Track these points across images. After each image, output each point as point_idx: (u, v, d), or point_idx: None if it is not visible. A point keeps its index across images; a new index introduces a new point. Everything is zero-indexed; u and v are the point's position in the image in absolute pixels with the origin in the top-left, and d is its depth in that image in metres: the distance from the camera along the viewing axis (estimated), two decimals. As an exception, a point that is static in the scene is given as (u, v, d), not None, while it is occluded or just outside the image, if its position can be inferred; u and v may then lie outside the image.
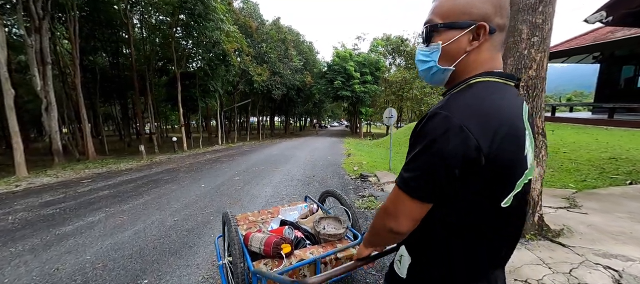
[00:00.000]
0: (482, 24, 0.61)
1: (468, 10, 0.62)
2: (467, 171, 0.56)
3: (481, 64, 0.65)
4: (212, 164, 9.26)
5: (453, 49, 0.64)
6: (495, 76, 0.64)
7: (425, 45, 0.70)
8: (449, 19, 0.64)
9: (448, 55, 0.66)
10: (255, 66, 18.82)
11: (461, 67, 0.66)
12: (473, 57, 0.64)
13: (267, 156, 11.40)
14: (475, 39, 0.63)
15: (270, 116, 33.25)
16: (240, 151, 13.72)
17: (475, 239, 0.65)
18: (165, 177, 7.17)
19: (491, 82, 0.63)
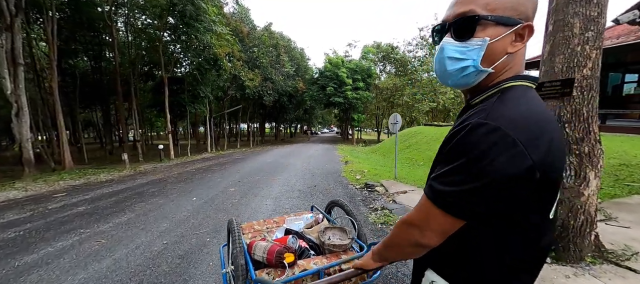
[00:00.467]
0: (530, 25, 0.55)
1: (516, 6, 0.55)
2: (517, 189, 0.49)
3: (512, 67, 0.58)
4: (203, 174, 8.58)
5: (498, 49, 0.56)
6: (527, 79, 0.57)
7: (458, 41, 0.59)
8: (497, 13, 0.55)
9: (490, 55, 0.57)
10: (246, 71, 18.25)
11: (499, 69, 0.58)
12: (509, 59, 0.57)
13: (261, 164, 10.80)
14: (518, 40, 0.56)
15: (261, 123, 32.51)
16: (232, 159, 13.03)
17: (520, 252, 0.58)
18: (151, 189, 6.47)
19: (526, 88, 0.56)
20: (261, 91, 20.11)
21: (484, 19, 0.55)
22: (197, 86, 14.97)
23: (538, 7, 0.59)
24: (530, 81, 0.58)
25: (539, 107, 0.54)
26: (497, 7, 0.55)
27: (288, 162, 11.07)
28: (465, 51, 0.58)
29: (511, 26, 0.55)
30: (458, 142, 0.52)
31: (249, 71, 18.70)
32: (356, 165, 9.74)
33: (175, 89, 15.85)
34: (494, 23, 0.55)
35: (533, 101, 0.55)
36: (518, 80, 0.57)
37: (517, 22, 0.55)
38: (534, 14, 0.58)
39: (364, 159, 12.17)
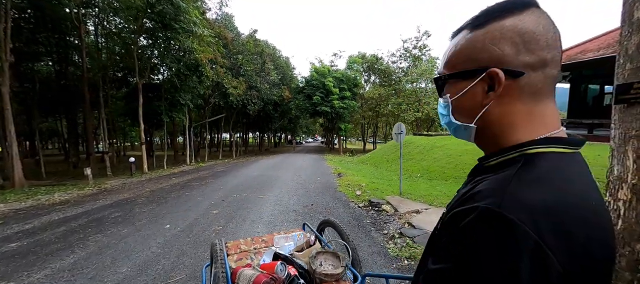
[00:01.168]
0: (492, 71, 0.44)
1: (474, 55, 0.46)
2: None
3: (520, 121, 0.45)
4: (179, 192, 7.46)
5: (466, 103, 0.49)
6: (563, 143, 0.43)
7: (441, 98, 0.56)
8: (455, 69, 0.50)
9: (462, 111, 0.50)
10: (230, 79, 17.21)
11: (490, 127, 0.47)
12: (500, 111, 0.46)
13: (247, 178, 9.78)
14: (492, 90, 0.45)
15: (243, 132, 31.16)
16: (213, 172, 11.86)
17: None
18: (115, 213, 5.32)
19: (558, 155, 0.42)
20: (245, 99, 19.09)
21: (444, 78, 0.52)
22: (175, 93, 13.73)
23: (536, 36, 0.43)
24: (567, 146, 0.43)
25: (574, 193, 0.39)
26: (456, 63, 0.49)
27: (277, 176, 10.12)
28: (444, 107, 0.54)
29: (471, 78, 0.46)
30: (460, 232, 0.39)
31: (233, 78, 17.68)
32: (351, 177, 9.01)
33: (151, 97, 14.50)
34: (453, 80, 0.50)
35: (568, 179, 0.40)
36: (550, 145, 0.42)
37: (475, 71, 0.46)
38: (524, 47, 0.43)
39: (357, 170, 11.49)
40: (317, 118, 32.61)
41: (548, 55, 0.43)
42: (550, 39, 0.43)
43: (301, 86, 26.13)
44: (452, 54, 0.50)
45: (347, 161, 17.22)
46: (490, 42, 0.44)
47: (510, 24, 0.43)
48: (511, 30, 0.43)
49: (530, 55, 0.42)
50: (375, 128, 34.71)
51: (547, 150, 0.42)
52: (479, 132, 0.50)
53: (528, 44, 0.42)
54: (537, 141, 0.43)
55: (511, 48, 0.43)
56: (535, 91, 0.43)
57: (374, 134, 35.30)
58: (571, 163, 0.42)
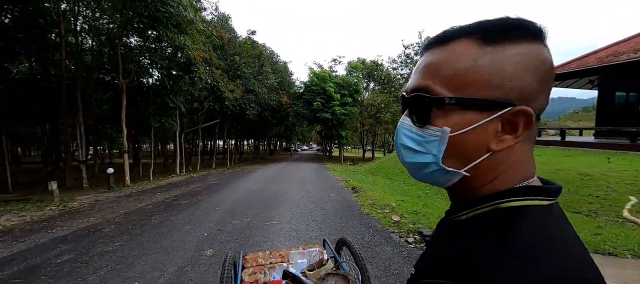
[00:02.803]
0: (524, 110, 0.32)
1: (501, 82, 0.33)
2: None
3: (512, 169, 0.35)
4: (162, 215, 5.80)
5: (471, 143, 0.35)
6: (541, 194, 0.34)
7: (415, 125, 0.39)
8: (466, 92, 0.34)
9: (459, 152, 0.35)
10: (226, 81, 15.65)
11: (481, 173, 0.36)
12: (500, 159, 0.35)
13: (246, 193, 8.17)
14: (509, 132, 0.34)
15: (236, 139, 29.33)
16: (206, 185, 10.18)
17: None
18: (63, 256, 3.67)
19: (541, 210, 0.33)
20: (243, 103, 17.50)
21: (439, 101, 0.35)
22: (165, 95, 12.05)
23: (552, 76, 0.35)
24: (545, 197, 0.34)
25: (567, 255, 0.31)
26: (466, 82, 0.34)
27: (281, 190, 8.55)
28: (423, 141, 0.37)
29: (491, 111, 0.33)
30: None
31: (229, 81, 16.12)
32: (370, 193, 7.53)
33: (138, 100, 12.77)
34: (459, 106, 0.34)
35: (555, 238, 0.31)
36: (529, 196, 0.33)
37: (503, 103, 0.33)
38: (545, 87, 0.34)
39: (371, 183, 10.03)
40: (315, 125, 31.22)
41: (549, 96, 0.35)
42: (551, 75, 0.35)
43: (300, 92, 24.73)
44: (458, 67, 0.34)
45: (352, 170, 15.75)
46: (517, 68, 0.32)
47: (537, 51, 0.33)
48: (538, 59, 0.33)
49: (544, 95, 0.34)
50: (374, 136, 33.48)
51: (525, 203, 0.33)
52: (470, 181, 0.37)
53: (548, 82, 0.34)
54: (512, 192, 0.34)
55: (536, 82, 0.33)
56: (533, 139, 0.36)
57: (373, 142, 34.06)
58: (555, 218, 0.34)
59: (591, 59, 10.30)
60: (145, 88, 12.47)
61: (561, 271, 0.29)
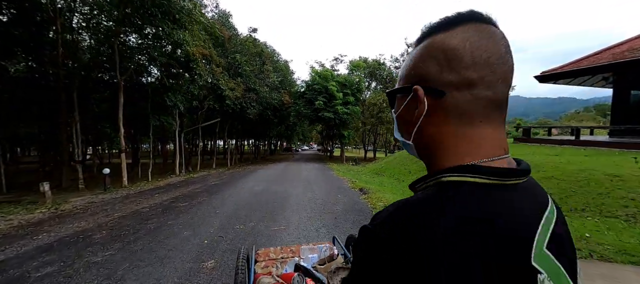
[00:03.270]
0: (415, 88, 0.41)
1: (405, 74, 0.45)
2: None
3: (447, 143, 0.41)
4: (160, 218, 5.37)
5: (402, 119, 0.46)
6: (475, 172, 0.37)
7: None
8: (398, 85, 0.47)
9: (401, 126, 0.47)
10: (227, 79, 15.22)
11: (427, 146, 0.43)
12: (430, 131, 0.42)
13: (249, 195, 7.73)
14: (416, 108, 0.42)
15: (237, 139, 28.86)
16: (206, 186, 9.74)
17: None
18: (45, 268, 3.24)
19: (460, 184, 0.37)
20: (244, 102, 17.07)
21: (391, 95, 0.49)
22: (164, 93, 11.61)
23: (461, 55, 0.39)
24: (483, 176, 0.37)
25: (433, 203, 0.35)
26: (400, 78, 0.47)
27: (285, 192, 8.12)
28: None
29: (404, 95, 0.45)
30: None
31: (230, 79, 15.69)
32: (380, 195, 7.11)
33: (136, 98, 12.34)
34: (399, 95, 0.46)
35: (438, 198, 0.36)
36: (458, 174, 0.37)
37: (408, 88, 0.43)
38: (447, 67, 0.39)
39: (378, 184, 9.60)
40: (316, 125, 30.78)
41: (474, 74, 0.38)
42: (478, 57, 0.38)
43: (302, 91, 24.31)
44: (401, 68, 0.48)
45: (356, 170, 15.32)
46: (418, 59, 0.42)
47: (438, 40, 0.40)
48: (437, 47, 0.40)
49: (453, 74, 0.39)
50: (375, 136, 33.04)
51: (452, 179, 0.37)
52: (421, 153, 0.46)
53: (451, 62, 0.39)
54: (454, 169, 0.38)
55: (435, 66, 0.40)
56: (462, 112, 0.39)
57: (374, 142, 33.62)
58: (482, 195, 0.36)
59: (605, 55, 9.88)
60: (144, 86, 12.02)
61: (423, 204, 0.36)
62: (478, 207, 0.35)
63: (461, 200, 0.35)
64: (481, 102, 0.38)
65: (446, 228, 0.32)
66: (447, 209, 0.34)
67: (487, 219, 0.34)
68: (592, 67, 9.81)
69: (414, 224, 0.33)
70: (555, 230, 0.38)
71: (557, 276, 0.36)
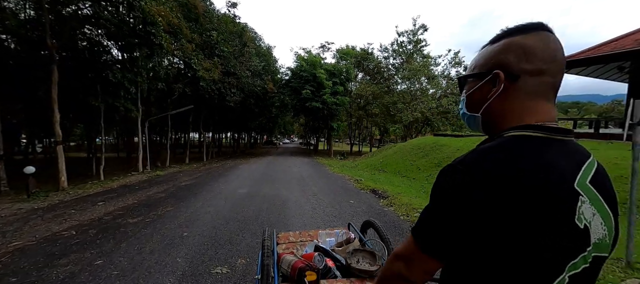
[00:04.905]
0: (497, 72, 0.54)
1: (486, 62, 0.58)
2: (475, 226, 0.46)
3: (513, 113, 0.55)
4: (85, 252, 3.23)
5: (475, 97, 0.60)
6: (532, 128, 0.51)
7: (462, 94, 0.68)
8: (473, 71, 0.61)
9: (472, 103, 0.61)
10: (201, 59, 12.68)
11: (491, 116, 0.58)
12: (499, 105, 0.56)
13: (232, 203, 5.70)
14: (492, 87, 0.56)
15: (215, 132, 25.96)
16: (174, 188, 7.50)
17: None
18: None
19: (524, 137, 0.51)
20: (222, 88, 14.59)
21: (463, 79, 0.64)
22: (116, 71, 8.93)
23: (534, 51, 0.53)
24: (540, 131, 0.51)
25: (518, 155, 0.48)
26: (474, 67, 0.60)
27: (279, 197, 6.20)
28: (461, 102, 0.65)
29: (481, 78, 0.57)
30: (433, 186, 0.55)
31: (205, 58, 13.15)
32: (404, 199, 5.45)
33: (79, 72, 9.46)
34: (469, 79, 0.61)
35: (518, 148, 0.49)
36: (519, 130, 0.52)
37: (486, 73, 0.56)
38: (524, 58, 0.53)
39: (387, 183, 7.97)
40: (300, 117, 28.69)
41: (544, 66, 0.52)
42: (547, 55, 0.52)
43: (287, 79, 22.08)
44: (473, 60, 0.61)
45: (350, 166, 13.68)
46: (499, 52, 0.55)
47: (517, 40, 0.54)
48: (517, 44, 0.53)
49: (528, 64, 0.52)
50: (360, 129, 31.71)
51: (514, 133, 0.51)
52: (484, 123, 0.59)
53: (528, 55, 0.52)
54: (515, 127, 0.52)
55: (514, 57, 0.53)
56: (531, 92, 0.53)
57: (359, 135, 32.32)
58: (538, 143, 0.49)
59: (628, 41, 9.01)
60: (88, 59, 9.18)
61: (508, 158, 0.47)
62: (535, 151, 0.47)
63: (522, 146, 0.48)
64: (544, 86, 0.53)
65: (515, 161, 0.45)
66: (514, 151, 0.47)
67: (541, 159, 0.47)
68: (605, 55, 8.90)
69: (494, 160, 0.46)
70: (596, 175, 0.51)
71: (598, 203, 0.49)
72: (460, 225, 0.46)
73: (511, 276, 0.45)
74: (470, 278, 0.49)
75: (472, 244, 0.46)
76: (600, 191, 0.50)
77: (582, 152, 0.53)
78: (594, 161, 0.53)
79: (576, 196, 0.47)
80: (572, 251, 0.46)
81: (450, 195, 0.48)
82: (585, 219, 0.47)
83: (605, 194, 0.51)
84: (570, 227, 0.45)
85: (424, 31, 22.61)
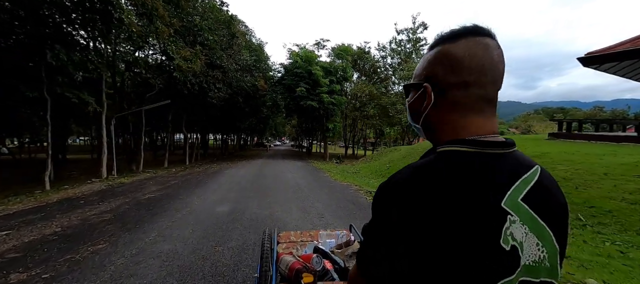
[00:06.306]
0: (425, 85, 0.52)
1: (420, 72, 0.55)
2: (402, 248, 0.43)
3: (447, 126, 0.52)
4: None
5: (414, 109, 0.57)
6: (462, 143, 0.48)
7: None
8: (412, 81, 0.58)
9: (412, 114, 0.58)
10: (181, 46, 10.69)
11: (430, 128, 0.55)
12: (435, 117, 0.53)
13: (203, 235, 3.83)
14: (424, 100, 0.54)
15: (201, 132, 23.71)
16: (129, 206, 5.52)
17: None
18: None
19: (454, 152, 0.47)
20: (205, 82, 12.58)
21: (406, 88, 0.59)
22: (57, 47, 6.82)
23: (461, 63, 0.49)
24: (471, 145, 0.47)
25: (432, 165, 0.46)
26: (414, 75, 0.58)
27: (273, 218, 4.39)
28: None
29: (416, 90, 0.55)
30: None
31: (185, 46, 11.15)
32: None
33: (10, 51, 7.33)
34: (412, 89, 0.57)
35: (437, 165, 0.46)
36: (451, 145, 0.49)
37: (419, 84, 0.54)
38: (451, 71, 0.49)
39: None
40: (293, 118, 26.84)
41: (469, 78, 0.48)
42: (473, 65, 0.47)
43: (280, 76, 20.24)
44: (417, 67, 0.57)
45: (351, 171, 11.98)
46: (431, 62, 0.52)
47: (445, 49, 0.50)
48: (444, 54, 0.50)
49: (454, 76, 0.48)
50: (354, 131, 30.16)
51: (446, 148, 0.48)
52: (426, 133, 0.56)
53: (453, 67, 0.48)
54: (448, 142, 0.49)
55: (441, 69, 0.50)
56: (460, 104, 0.49)
57: (353, 137, 30.76)
58: (469, 158, 0.45)
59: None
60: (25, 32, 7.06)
61: (424, 167, 0.45)
62: (461, 168, 0.44)
63: (452, 162, 0.45)
64: (473, 98, 0.48)
65: (441, 181, 0.42)
66: (440, 169, 0.44)
67: (467, 176, 0.43)
68: (624, 51, 7.65)
69: (420, 180, 0.43)
70: (533, 190, 0.46)
71: (532, 222, 0.45)
72: (388, 247, 0.44)
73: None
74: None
75: (401, 267, 0.43)
76: (538, 207, 0.46)
77: (520, 166, 0.48)
78: (534, 174, 0.48)
79: (503, 216, 0.43)
80: (500, 274, 0.43)
81: (380, 215, 0.46)
82: (513, 240, 0.43)
83: (545, 211, 0.47)
84: (495, 249, 0.42)
85: (424, 29, 21.40)
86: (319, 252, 1.41)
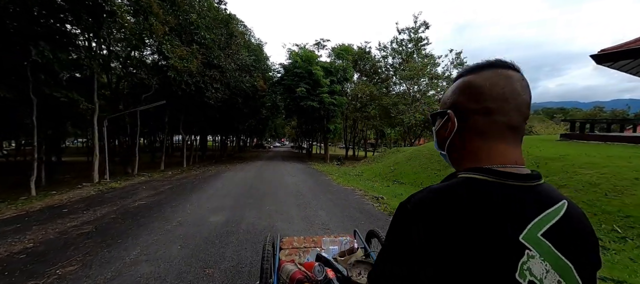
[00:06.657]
0: (449, 112, 0.54)
1: (445, 100, 0.58)
2: (414, 261, 0.44)
3: (470, 153, 0.53)
4: None
5: (439, 135, 0.59)
6: (481, 172, 0.48)
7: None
8: (438, 110, 0.59)
9: (438, 140, 0.60)
10: (176, 45, 10.23)
11: (454, 154, 0.56)
12: (459, 144, 0.54)
13: (191, 254, 3.37)
14: (447, 127, 0.56)
15: (199, 134, 23.21)
16: (116, 215, 5.05)
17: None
18: None
19: (473, 180, 0.48)
20: (201, 82, 12.12)
21: (432, 116, 0.61)
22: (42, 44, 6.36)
23: (483, 90, 0.51)
24: (490, 175, 0.47)
25: (453, 190, 0.46)
26: (441, 103, 0.59)
27: (273, 231, 3.92)
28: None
29: (441, 117, 0.57)
30: None
31: (181, 45, 10.69)
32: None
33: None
34: (438, 117, 0.58)
35: (464, 191, 0.46)
36: (470, 172, 0.49)
37: (443, 112, 0.56)
38: (474, 98, 0.51)
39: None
40: (293, 118, 26.36)
41: (492, 105, 0.49)
42: (495, 93, 0.49)
43: (279, 76, 19.79)
44: (443, 96, 0.59)
45: (354, 174, 11.52)
46: (454, 92, 0.54)
47: (467, 79, 0.53)
48: (466, 84, 0.52)
49: (476, 103, 0.50)
50: (355, 132, 29.68)
51: (465, 175, 0.48)
52: (451, 159, 0.57)
53: (476, 95, 0.50)
54: (469, 169, 0.50)
55: (464, 97, 0.52)
56: (481, 131, 0.51)
57: (354, 139, 30.28)
58: (487, 187, 0.45)
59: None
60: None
61: (444, 191, 0.46)
62: (479, 198, 0.44)
63: (473, 189, 0.45)
64: (496, 125, 0.49)
65: (462, 206, 0.43)
66: (464, 194, 0.44)
67: (489, 204, 0.43)
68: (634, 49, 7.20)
69: (442, 202, 0.44)
70: (557, 225, 0.45)
71: (554, 259, 0.43)
72: (409, 267, 0.43)
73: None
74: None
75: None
76: (562, 245, 0.45)
77: (545, 200, 0.47)
78: (559, 209, 0.47)
79: (521, 250, 0.42)
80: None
81: (396, 235, 0.46)
82: (531, 276, 0.42)
83: (571, 249, 0.45)
84: (510, 282, 0.41)
85: (425, 29, 20.94)
86: (321, 260, 1.37)
